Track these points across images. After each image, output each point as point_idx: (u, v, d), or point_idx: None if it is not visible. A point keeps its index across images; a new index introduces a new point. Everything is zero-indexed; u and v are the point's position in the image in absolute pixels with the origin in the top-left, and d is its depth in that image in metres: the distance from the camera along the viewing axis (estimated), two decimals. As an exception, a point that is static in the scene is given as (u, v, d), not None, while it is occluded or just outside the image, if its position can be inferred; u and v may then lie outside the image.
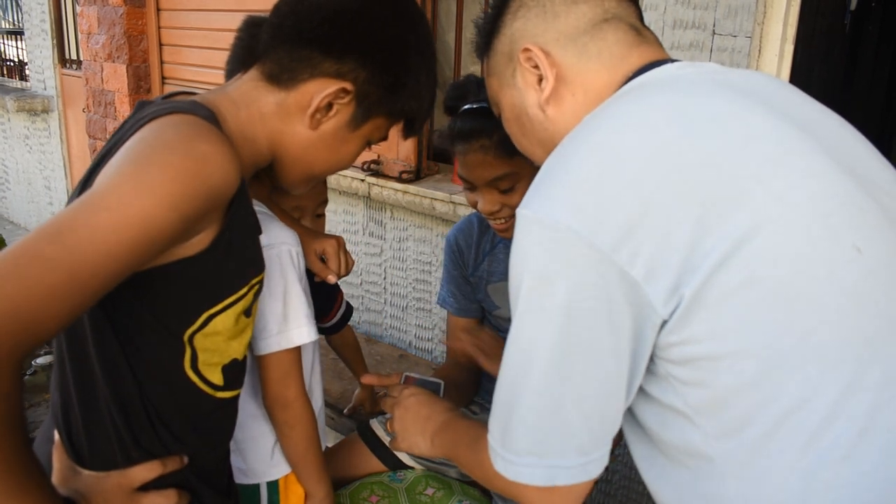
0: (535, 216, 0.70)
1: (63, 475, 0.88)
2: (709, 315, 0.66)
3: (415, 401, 1.15)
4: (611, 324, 0.68)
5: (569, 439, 0.73)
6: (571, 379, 0.71)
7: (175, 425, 0.89)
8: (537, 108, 0.88)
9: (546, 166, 0.75)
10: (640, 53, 0.85)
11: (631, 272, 0.66)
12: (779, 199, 0.67)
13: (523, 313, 0.72)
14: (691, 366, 0.69)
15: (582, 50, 0.85)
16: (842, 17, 3.82)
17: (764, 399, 0.67)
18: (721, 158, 0.68)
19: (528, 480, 0.75)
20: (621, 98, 0.79)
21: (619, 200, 0.67)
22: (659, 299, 0.67)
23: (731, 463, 0.70)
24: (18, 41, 6.07)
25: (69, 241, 0.67)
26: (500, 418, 0.77)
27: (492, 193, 1.34)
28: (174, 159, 0.75)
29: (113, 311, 0.82)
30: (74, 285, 0.66)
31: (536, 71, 0.87)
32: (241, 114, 0.92)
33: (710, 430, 0.70)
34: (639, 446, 0.81)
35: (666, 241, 0.66)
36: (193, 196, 0.75)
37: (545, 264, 0.69)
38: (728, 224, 0.65)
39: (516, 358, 0.74)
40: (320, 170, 1.01)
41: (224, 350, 0.92)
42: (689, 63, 0.83)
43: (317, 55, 0.91)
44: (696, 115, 0.72)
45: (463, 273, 1.56)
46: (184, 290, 0.84)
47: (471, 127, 1.29)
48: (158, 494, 0.88)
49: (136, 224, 0.70)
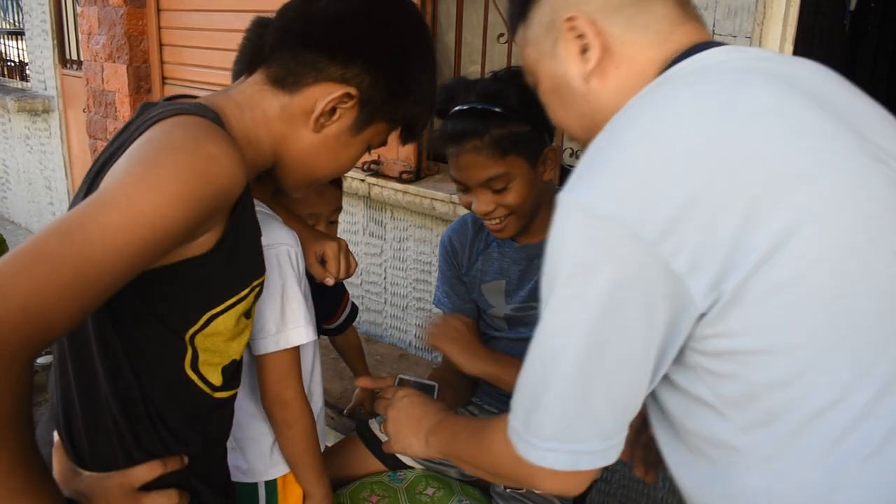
0: (579, 202, 0.69)
1: (63, 476, 0.89)
2: (747, 311, 0.66)
3: (408, 402, 1.14)
4: (647, 314, 0.68)
5: (593, 425, 0.74)
6: (603, 367, 0.71)
7: (176, 425, 0.90)
8: (580, 79, 0.85)
9: (592, 150, 0.74)
10: (686, 31, 0.84)
11: (673, 265, 0.66)
12: (823, 199, 0.67)
13: (559, 299, 0.72)
14: (724, 358, 0.69)
15: (629, 21, 0.82)
16: (842, 17, 3.82)
17: (795, 397, 0.67)
18: (769, 155, 0.68)
19: (551, 465, 0.75)
20: (669, 84, 0.77)
21: (666, 193, 0.66)
22: (699, 293, 0.67)
23: (756, 455, 0.70)
24: (19, 41, 6.07)
25: (78, 240, 0.67)
26: (526, 401, 0.77)
27: (486, 194, 1.34)
28: (183, 160, 0.76)
29: (115, 310, 0.83)
30: (83, 284, 0.67)
31: (580, 41, 0.83)
32: (246, 116, 0.93)
33: (738, 422, 0.70)
34: (663, 434, 0.81)
35: (711, 236, 0.65)
36: (201, 197, 0.76)
37: (586, 252, 0.69)
38: (772, 222, 0.65)
39: (548, 343, 0.74)
40: (322, 173, 1.02)
41: (224, 350, 0.92)
42: (735, 48, 0.81)
43: (322, 60, 0.92)
44: (745, 108, 0.71)
45: (457, 273, 1.57)
46: (187, 290, 0.84)
47: (462, 128, 1.30)
48: (160, 494, 0.88)
49: (145, 224, 0.71)
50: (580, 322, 0.70)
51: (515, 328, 1.52)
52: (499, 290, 1.52)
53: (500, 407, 1.59)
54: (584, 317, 0.70)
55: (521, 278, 1.49)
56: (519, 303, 1.50)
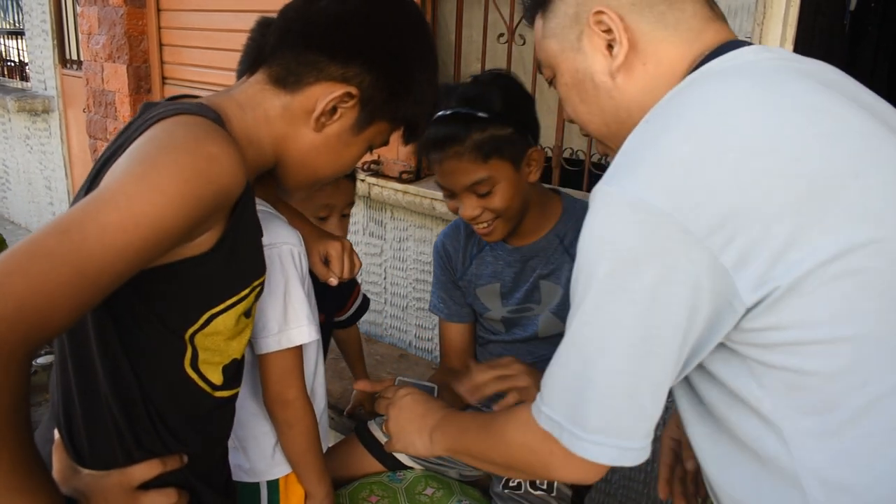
0: (625, 197, 0.69)
1: (63, 475, 0.89)
2: (802, 304, 0.67)
3: (410, 399, 1.14)
4: (691, 308, 0.69)
5: (640, 422, 0.75)
6: (649, 361, 0.72)
7: (176, 424, 0.90)
8: (606, 74, 0.84)
9: (631, 144, 0.74)
10: (715, 30, 0.83)
11: (721, 258, 0.66)
12: (873, 192, 0.68)
13: (602, 293, 0.71)
14: (776, 350, 0.70)
15: (659, 18, 0.82)
16: (842, 17, 3.82)
17: (853, 385, 0.68)
18: (816, 152, 0.68)
19: (596, 458, 0.76)
20: (707, 80, 0.77)
21: (717, 187, 0.67)
22: (747, 288, 0.67)
23: (807, 445, 0.71)
24: (19, 41, 6.07)
25: (77, 238, 0.67)
26: (570, 393, 0.77)
27: (471, 199, 1.34)
28: (183, 159, 0.76)
29: (115, 309, 0.83)
30: (81, 282, 0.67)
31: (607, 36, 0.83)
32: (247, 116, 0.93)
33: (789, 412, 0.71)
34: (699, 427, 0.81)
35: (762, 232, 0.66)
36: (201, 196, 0.76)
37: (634, 245, 0.69)
38: (826, 216, 0.66)
39: (593, 335, 0.74)
40: (323, 173, 1.02)
41: (224, 350, 0.92)
42: (763, 48, 0.81)
43: (323, 59, 0.92)
44: (791, 106, 0.72)
45: (452, 278, 1.57)
46: (187, 289, 0.85)
47: (444, 134, 1.30)
48: (159, 493, 0.88)
49: (145, 222, 0.71)
50: (627, 316, 0.70)
51: (512, 330, 1.52)
52: (494, 293, 1.52)
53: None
54: (632, 310, 0.70)
55: (516, 280, 1.49)
56: (515, 305, 1.50)
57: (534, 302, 1.48)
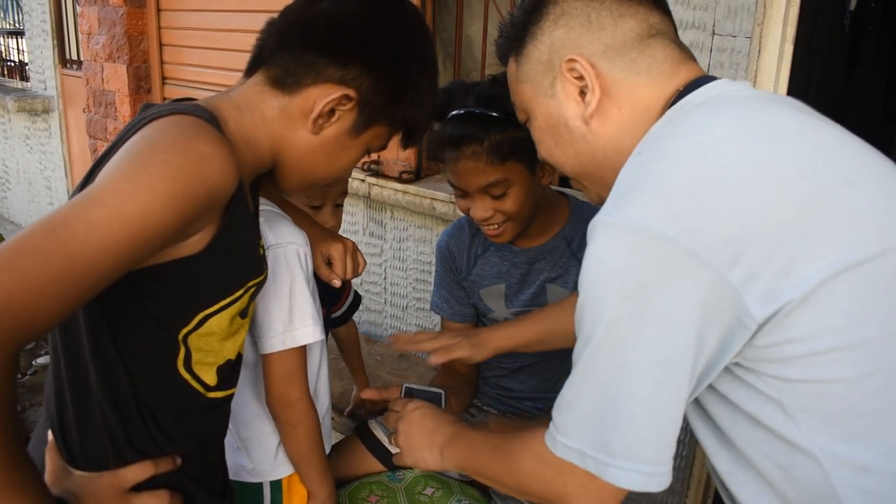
0: (628, 225, 0.70)
1: (55, 475, 0.89)
2: (816, 313, 0.68)
3: (419, 414, 1.14)
4: (702, 328, 0.70)
5: (663, 446, 0.75)
6: (665, 384, 0.72)
7: (168, 425, 0.89)
8: (579, 120, 0.86)
9: (626, 176, 0.76)
10: (687, 69, 0.86)
11: (729, 277, 0.67)
12: (870, 201, 0.70)
13: (613, 322, 0.72)
14: (795, 363, 0.70)
15: (630, 65, 0.84)
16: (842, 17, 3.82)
17: (873, 388, 0.69)
18: (810, 167, 0.70)
19: (623, 483, 0.76)
20: (691, 111, 0.79)
21: (718, 209, 0.68)
22: (757, 304, 0.68)
23: (831, 455, 0.71)
24: (19, 41, 6.07)
25: (64, 235, 0.67)
26: (591, 421, 0.77)
27: (484, 200, 1.33)
28: (173, 158, 0.76)
29: (108, 309, 0.83)
30: (68, 279, 0.67)
31: (579, 82, 0.85)
32: (244, 117, 0.93)
33: (811, 424, 0.71)
34: (723, 453, 0.82)
35: (769, 247, 0.67)
36: (191, 195, 0.76)
37: (640, 272, 0.70)
38: (829, 227, 0.68)
39: (608, 363, 0.74)
40: (321, 175, 1.02)
41: (218, 350, 0.92)
42: (729, 81, 0.84)
43: (322, 61, 0.92)
44: (775, 129, 0.74)
45: (455, 278, 1.56)
46: (179, 290, 0.84)
47: (461, 133, 1.29)
48: (150, 495, 0.88)
49: (132, 221, 0.71)
50: (641, 342, 0.71)
51: None
52: (498, 294, 1.51)
53: (500, 408, 1.59)
54: (645, 335, 0.71)
55: (522, 282, 1.49)
56: (520, 307, 1.49)
57: (539, 305, 1.48)
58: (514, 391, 1.58)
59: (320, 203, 1.32)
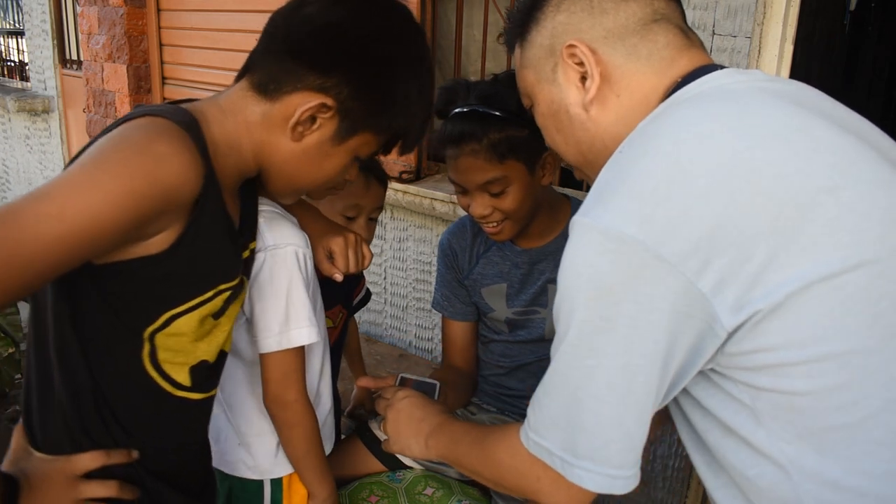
0: (598, 226, 0.70)
1: (16, 455, 0.91)
2: (787, 324, 0.67)
3: (408, 403, 1.14)
4: (671, 334, 0.69)
5: (628, 450, 0.75)
6: (633, 389, 0.72)
7: (126, 419, 0.90)
8: (579, 107, 0.85)
9: (605, 175, 0.75)
10: (689, 57, 0.84)
11: (698, 284, 0.66)
12: (850, 209, 0.68)
13: (584, 322, 0.72)
14: (765, 372, 0.69)
15: (631, 51, 0.83)
16: (841, 17, 3.82)
17: (844, 403, 0.68)
18: (790, 171, 0.68)
19: (586, 485, 0.76)
20: (679, 107, 0.77)
21: (689, 213, 0.67)
22: (726, 312, 0.67)
23: (799, 467, 0.70)
24: (19, 41, 6.07)
25: (10, 225, 0.69)
26: (559, 420, 0.77)
27: (483, 197, 1.34)
28: (130, 157, 0.77)
29: (73, 297, 0.84)
30: (11, 268, 0.69)
31: (580, 68, 0.84)
32: (228, 122, 0.92)
33: (782, 434, 0.70)
34: (701, 459, 0.81)
35: (739, 255, 0.66)
36: (146, 195, 0.76)
37: (609, 275, 0.69)
38: (802, 236, 0.66)
39: (577, 364, 0.74)
40: (305, 182, 1.01)
41: (190, 351, 0.92)
42: (737, 70, 0.82)
43: (302, 68, 0.91)
44: (760, 127, 0.72)
45: (457, 277, 1.56)
46: (142, 288, 0.85)
47: (461, 131, 1.29)
48: (100, 484, 0.88)
49: (79, 216, 0.72)
50: (609, 345, 0.71)
51: (515, 331, 1.52)
52: (500, 293, 1.51)
53: (499, 406, 1.59)
54: (613, 339, 0.70)
55: (524, 282, 1.49)
56: (521, 306, 1.50)
57: (540, 305, 1.48)
58: (512, 390, 1.58)
59: (354, 214, 1.33)
